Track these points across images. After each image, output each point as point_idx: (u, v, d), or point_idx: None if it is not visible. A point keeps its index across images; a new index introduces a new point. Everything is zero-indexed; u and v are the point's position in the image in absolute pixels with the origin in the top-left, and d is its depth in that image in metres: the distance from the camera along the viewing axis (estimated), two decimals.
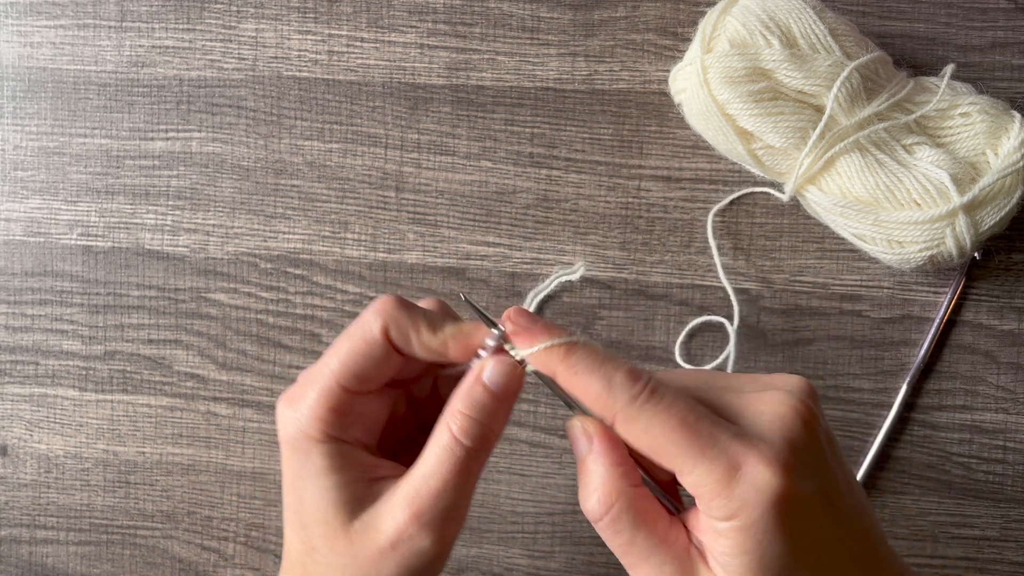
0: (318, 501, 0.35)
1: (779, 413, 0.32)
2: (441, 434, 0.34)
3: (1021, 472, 0.53)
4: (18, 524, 0.59)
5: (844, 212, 0.49)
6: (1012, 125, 0.48)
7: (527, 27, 0.55)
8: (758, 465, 0.31)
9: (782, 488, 0.30)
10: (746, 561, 0.31)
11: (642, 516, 0.33)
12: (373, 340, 0.35)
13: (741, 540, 0.31)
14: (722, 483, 0.31)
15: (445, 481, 0.34)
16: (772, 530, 0.30)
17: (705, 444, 0.31)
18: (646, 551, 0.33)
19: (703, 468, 0.31)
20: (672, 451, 0.31)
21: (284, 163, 0.56)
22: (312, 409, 0.35)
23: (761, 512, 0.30)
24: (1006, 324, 0.53)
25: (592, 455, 0.33)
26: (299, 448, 0.35)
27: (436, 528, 0.34)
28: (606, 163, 0.55)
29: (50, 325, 0.58)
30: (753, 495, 0.30)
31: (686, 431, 0.31)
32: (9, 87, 0.58)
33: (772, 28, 0.48)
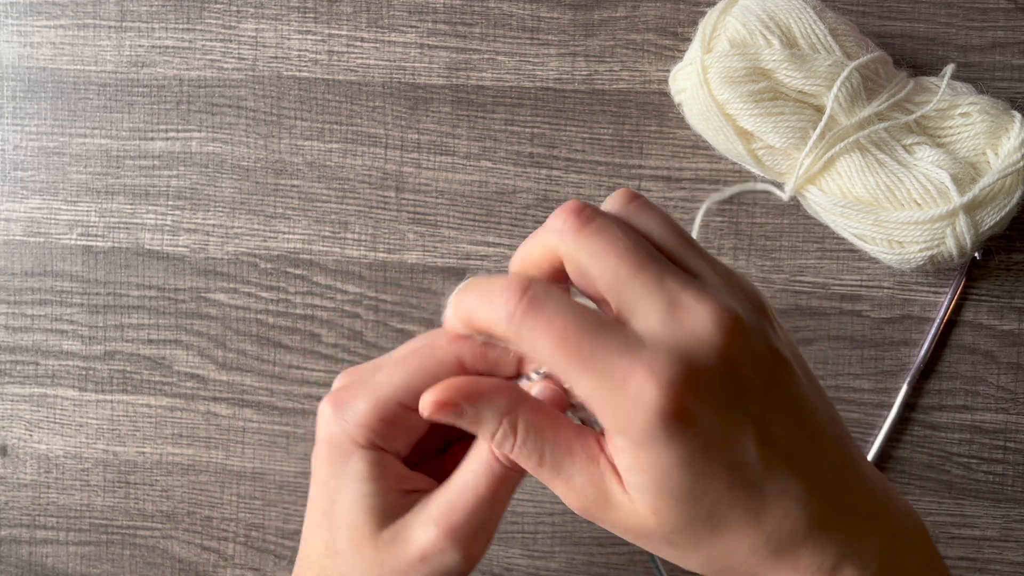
0: (351, 505, 0.34)
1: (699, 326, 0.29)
2: (480, 451, 0.34)
3: (1021, 472, 0.53)
4: (18, 524, 0.59)
5: (844, 212, 0.49)
6: (1012, 125, 0.48)
7: (527, 27, 0.55)
8: (646, 381, 0.28)
9: (671, 406, 0.28)
10: (644, 478, 0.29)
11: (544, 429, 0.31)
12: (444, 363, 0.34)
13: (634, 456, 0.29)
14: (605, 396, 0.29)
15: (481, 498, 0.33)
16: (664, 449, 0.28)
17: (587, 358, 0.29)
18: (556, 466, 0.31)
19: (586, 383, 0.29)
20: (557, 367, 0.30)
21: (284, 163, 0.56)
22: (363, 416, 0.34)
23: (647, 430, 0.28)
24: (1006, 324, 0.53)
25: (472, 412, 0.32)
26: (341, 450, 0.34)
27: (467, 544, 0.34)
28: (606, 163, 0.55)
29: (50, 325, 0.58)
30: (638, 411, 0.28)
31: (566, 346, 0.29)
32: (9, 87, 0.58)
33: (772, 28, 0.48)
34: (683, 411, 0.28)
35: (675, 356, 0.29)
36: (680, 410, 0.28)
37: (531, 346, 0.30)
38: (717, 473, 0.29)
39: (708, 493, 0.29)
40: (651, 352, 0.29)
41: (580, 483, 0.31)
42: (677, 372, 0.28)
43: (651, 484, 0.29)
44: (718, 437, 0.29)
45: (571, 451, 0.31)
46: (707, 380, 0.29)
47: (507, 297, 0.30)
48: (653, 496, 0.30)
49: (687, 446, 0.29)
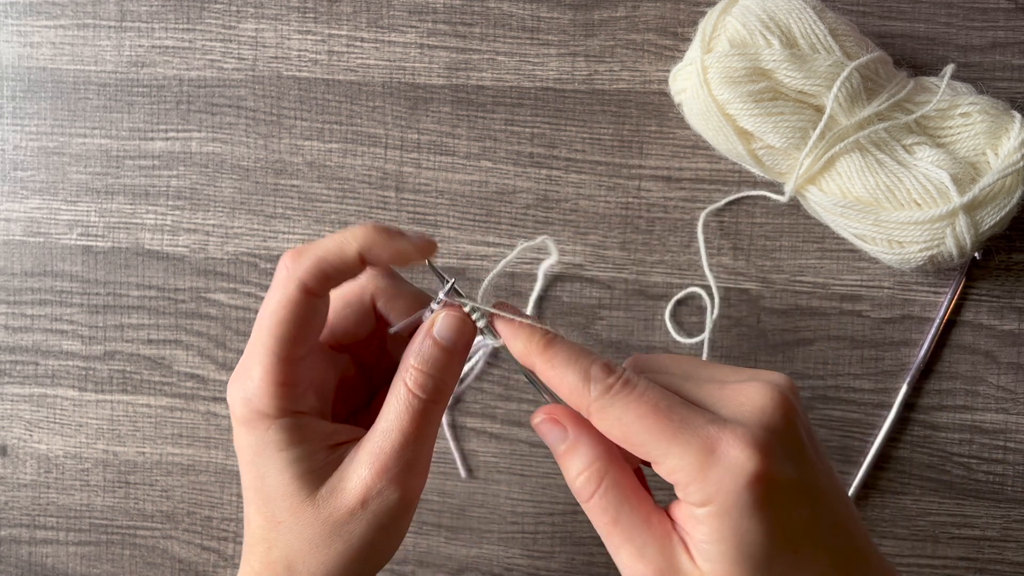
0: (280, 476, 0.35)
1: (759, 403, 0.32)
2: (397, 389, 0.35)
3: (1021, 472, 0.53)
4: (18, 524, 0.59)
5: (844, 212, 0.49)
6: (1012, 125, 0.48)
7: (527, 27, 0.55)
8: (733, 447, 0.30)
9: (757, 470, 0.30)
10: (724, 548, 0.31)
11: (628, 494, 0.33)
12: (291, 300, 0.34)
13: (718, 525, 0.31)
14: (696, 467, 0.31)
15: (406, 434, 0.34)
16: (749, 515, 0.30)
17: (678, 428, 0.31)
18: (629, 530, 0.33)
19: (676, 452, 0.31)
20: (645, 438, 0.31)
21: (284, 163, 0.56)
22: (260, 387, 0.35)
23: (736, 495, 0.30)
24: (1006, 324, 0.53)
25: (571, 440, 0.34)
26: (255, 426, 0.35)
27: (402, 481, 0.35)
28: (606, 163, 0.55)
29: (50, 325, 0.58)
30: (728, 478, 0.30)
31: (658, 416, 0.31)
32: (9, 87, 0.58)
33: (772, 28, 0.48)
34: (771, 476, 0.30)
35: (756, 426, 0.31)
36: (768, 475, 0.30)
37: (620, 416, 0.32)
38: (790, 538, 0.31)
39: (779, 558, 0.31)
40: (734, 424, 0.31)
41: (651, 553, 0.32)
42: (763, 439, 0.31)
43: (730, 552, 0.31)
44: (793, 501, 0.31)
45: (648, 522, 0.33)
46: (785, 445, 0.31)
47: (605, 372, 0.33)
48: (731, 565, 0.31)
49: (771, 512, 0.31)
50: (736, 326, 0.54)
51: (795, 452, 0.32)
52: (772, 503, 0.30)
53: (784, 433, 0.32)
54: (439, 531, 0.56)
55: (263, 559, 0.36)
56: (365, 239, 0.34)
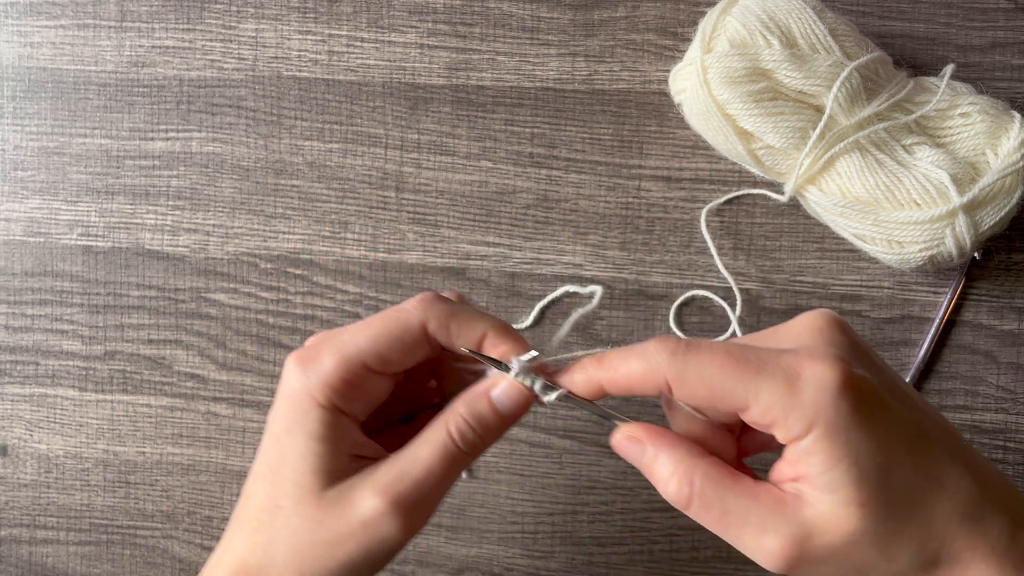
0: (300, 462, 0.35)
1: (815, 326, 0.33)
2: (437, 430, 0.35)
3: (1021, 472, 0.53)
4: (18, 524, 0.59)
5: (844, 212, 0.49)
6: (1012, 125, 0.48)
7: (527, 27, 0.55)
8: (813, 366, 0.30)
9: (843, 377, 0.30)
10: (842, 470, 0.30)
11: (726, 480, 0.32)
12: (410, 327, 0.35)
13: (829, 448, 0.30)
14: (789, 395, 0.30)
15: (431, 473, 0.34)
16: (853, 424, 0.30)
17: (757, 367, 0.31)
18: (742, 515, 0.32)
19: (765, 387, 0.31)
20: (731, 385, 0.31)
21: (284, 163, 0.56)
22: (326, 374, 0.35)
23: (835, 409, 0.30)
24: (1006, 324, 0.53)
25: (651, 452, 0.33)
26: (299, 406, 0.35)
27: (408, 517, 0.34)
28: (606, 163, 0.55)
29: (50, 325, 0.58)
30: (821, 394, 0.30)
31: (736, 361, 0.31)
32: (9, 87, 0.58)
33: (772, 28, 0.48)
34: (858, 381, 0.30)
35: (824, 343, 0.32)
36: (856, 380, 0.30)
37: (699, 373, 0.32)
38: (898, 440, 0.31)
39: (896, 466, 0.30)
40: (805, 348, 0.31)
41: (775, 525, 0.31)
42: (836, 352, 0.31)
43: (850, 472, 0.30)
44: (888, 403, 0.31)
45: (757, 497, 0.32)
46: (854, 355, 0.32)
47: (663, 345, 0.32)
48: (855, 486, 0.30)
49: (871, 417, 0.30)
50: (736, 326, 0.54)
51: (865, 359, 0.32)
52: (869, 408, 0.30)
53: (849, 344, 0.32)
54: (439, 531, 0.56)
55: (248, 537, 0.36)
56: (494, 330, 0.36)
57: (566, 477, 0.55)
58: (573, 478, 0.55)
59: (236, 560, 0.36)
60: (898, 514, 0.31)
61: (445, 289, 0.38)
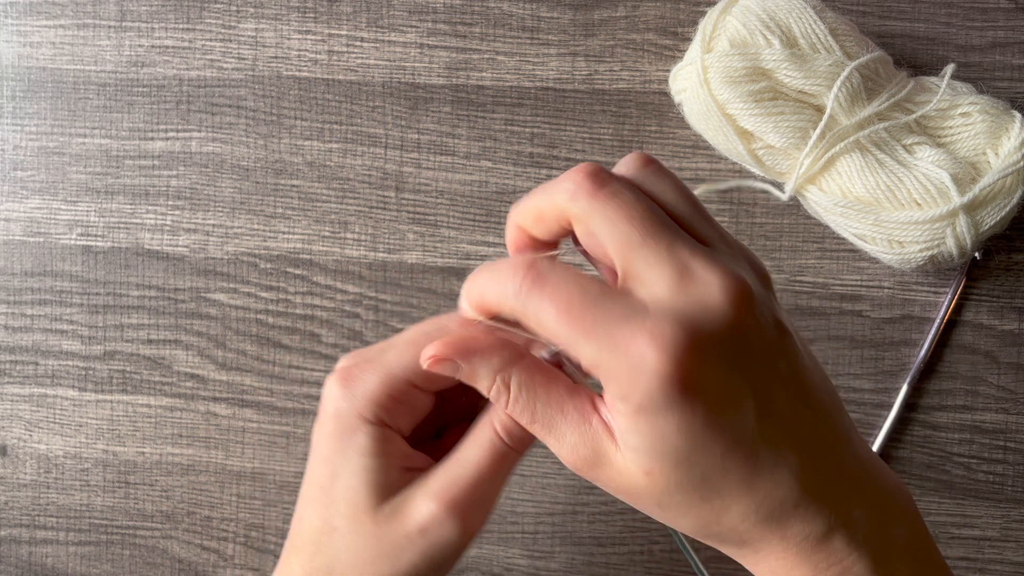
0: (353, 480, 0.35)
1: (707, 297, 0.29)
2: (484, 429, 0.35)
3: (1021, 472, 0.53)
4: (18, 524, 0.59)
5: (844, 212, 0.49)
6: (1012, 125, 0.48)
7: (527, 27, 0.55)
8: (647, 347, 0.28)
9: (672, 372, 0.28)
10: (641, 440, 0.29)
11: (538, 388, 0.32)
12: None
13: (633, 419, 0.29)
14: (608, 364, 0.29)
15: (482, 472, 0.34)
16: (663, 414, 0.29)
17: (590, 325, 0.29)
18: (547, 423, 0.32)
19: (590, 350, 0.29)
20: (561, 337, 0.30)
21: (284, 163, 0.56)
22: (372, 391, 0.35)
23: (649, 395, 0.28)
24: (1006, 324, 0.53)
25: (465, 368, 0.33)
26: (347, 425, 0.35)
27: (466, 518, 0.34)
28: (606, 163, 0.55)
29: (50, 325, 0.58)
30: (639, 378, 0.28)
31: (571, 315, 0.30)
32: (9, 87, 0.58)
33: (772, 28, 0.48)
34: (686, 379, 0.28)
35: (680, 323, 0.29)
36: (683, 378, 0.28)
37: (537, 318, 0.31)
38: (714, 441, 0.29)
39: (703, 460, 0.30)
40: (655, 319, 0.29)
41: (572, 441, 0.31)
42: (681, 340, 0.28)
43: (647, 447, 0.30)
44: (718, 405, 0.29)
45: (562, 410, 0.32)
46: (712, 348, 0.29)
47: (514, 273, 0.31)
48: (648, 458, 0.30)
49: (687, 414, 0.29)
50: None
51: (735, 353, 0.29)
52: (689, 406, 0.29)
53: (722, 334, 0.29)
54: None
55: (306, 563, 0.36)
56: None
57: (566, 477, 0.55)
58: (573, 478, 0.55)
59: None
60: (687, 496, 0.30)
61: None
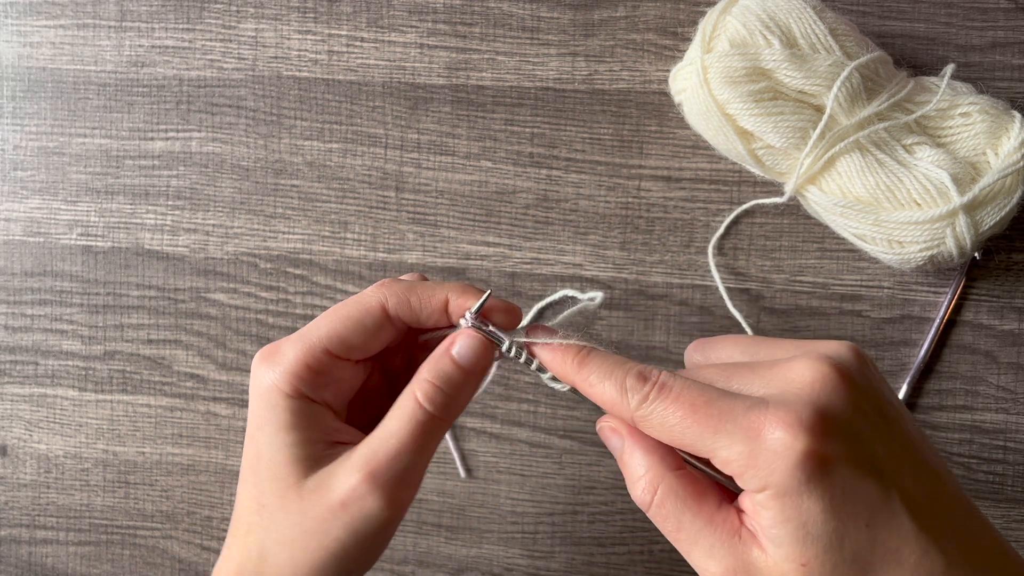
0: (275, 455, 0.35)
1: (807, 378, 0.31)
2: (405, 400, 0.35)
3: (1021, 472, 0.53)
4: (18, 524, 0.59)
5: (844, 212, 0.49)
6: (1012, 125, 0.48)
7: (527, 27, 0.55)
8: (777, 429, 0.30)
9: (805, 448, 0.30)
10: (789, 530, 0.30)
11: (687, 498, 0.33)
12: (369, 309, 0.35)
13: (779, 508, 0.30)
14: (745, 455, 0.30)
15: (404, 444, 0.34)
16: (806, 492, 0.30)
17: (719, 421, 0.31)
18: (694, 534, 0.32)
19: (723, 444, 0.31)
20: (691, 438, 0.31)
21: (284, 163, 0.56)
22: (289, 364, 0.35)
23: (789, 476, 0.30)
24: (1006, 324, 0.53)
25: (627, 449, 0.34)
26: (267, 400, 0.35)
27: (389, 491, 0.34)
28: (606, 163, 0.55)
29: (50, 325, 0.58)
30: (777, 461, 0.30)
31: (697, 415, 0.31)
32: (9, 87, 0.58)
33: (772, 28, 0.48)
34: (820, 453, 0.30)
35: (801, 404, 0.31)
36: (817, 452, 0.30)
37: (662, 422, 0.32)
38: (857, 513, 0.30)
39: (850, 535, 0.30)
40: (775, 406, 0.31)
41: (721, 554, 0.32)
42: (808, 417, 0.30)
43: (797, 533, 0.30)
44: (853, 476, 0.30)
45: (712, 522, 0.32)
46: (835, 420, 0.31)
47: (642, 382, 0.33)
48: (800, 547, 0.30)
49: (828, 488, 0.30)
50: (736, 326, 0.54)
51: (851, 424, 0.31)
52: (829, 479, 0.30)
53: (834, 408, 0.31)
54: (439, 531, 0.56)
55: (241, 543, 0.36)
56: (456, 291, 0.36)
57: (566, 477, 0.55)
58: (573, 478, 0.55)
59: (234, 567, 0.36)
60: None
61: (405, 274, 0.39)
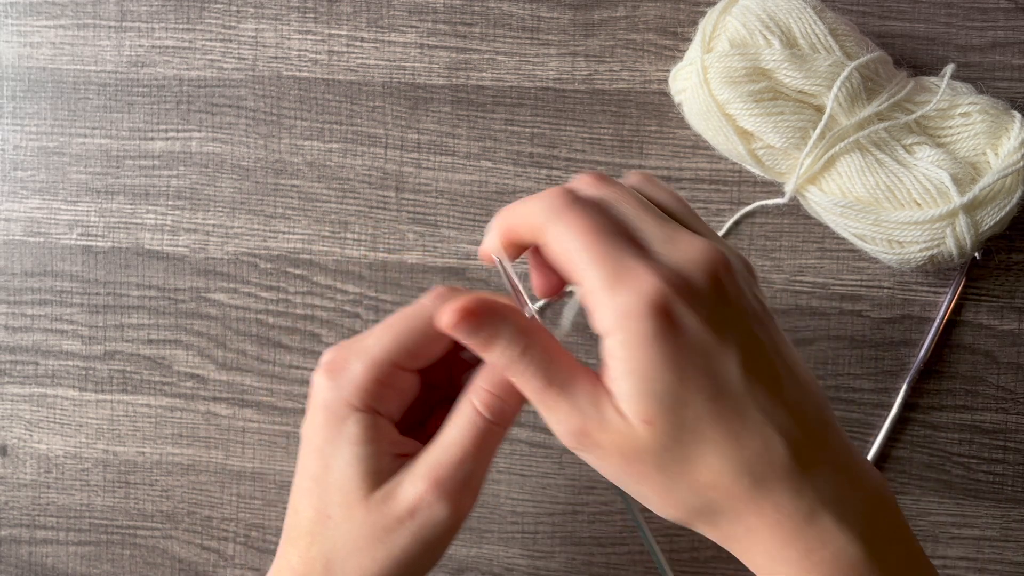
0: (345, 469, 0.35)
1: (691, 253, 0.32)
2: (464, 408, 0.36)
3: (1021, 472, 0.53)
4: (18, 524, 0.59)
5: (844, 212, 0.49)
6: (1012, 125, 0.48)
7: (527, 27, 0.55)
8: (642, 276, 0.30)
9: (661, 300, 0.30)
10: (635, 382, 0.30)
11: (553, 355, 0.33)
12: (430, 319, 0.36)
13: (627, 355, 0.30)
14: (607, 290, 0.31)
15: (466, 451, 0.35)
16: (654, 345, 0.30)
17: (604, 252, 0.31)
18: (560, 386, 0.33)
19: (593, 274, 0.31)
20: (575, 257, 0.32)
21: (284, 163, 0.56)
22: (358, 378, 0.36)
23: (640, 322, 0.30)
24: (1006, 324, 0.53)
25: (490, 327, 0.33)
26: (336, 414, 0.36)
27: (454, 498, 0.35)
28: (606, 163, 0.55)
29: (50, 325, 0.58)
30: (632, 302, 0.30)
31: (589, 239, 0.31)
32: (9, 87, 0.58)
33: (772, 28, 0.48)
34: (673, 312, 0.30)
35: (675, 268, 0.31)
36: (671, 310, 0.30)
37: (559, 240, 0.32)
38: (701, 380, 0.31)
39: (692, 401, 0.30)
40: (656, 262, 0.31)
41: (583, 403, 0.32)
42: (674, 279, 0.31)
43: (640, 386, 0.30)
44: (703, 346, 0.31)
45: (574, 375, 0.33)
46: (698, 294, 0.31)
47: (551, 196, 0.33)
48: (644, 402, 0.31)
49: (673, 345, 0.30)
50: None
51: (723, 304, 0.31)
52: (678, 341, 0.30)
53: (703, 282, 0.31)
54: None
55: (303, 554, 0.36)
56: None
57: (566, 477, 0.55)
58: (573, 478, 0.55)
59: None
60: (685, 448, 0.31)
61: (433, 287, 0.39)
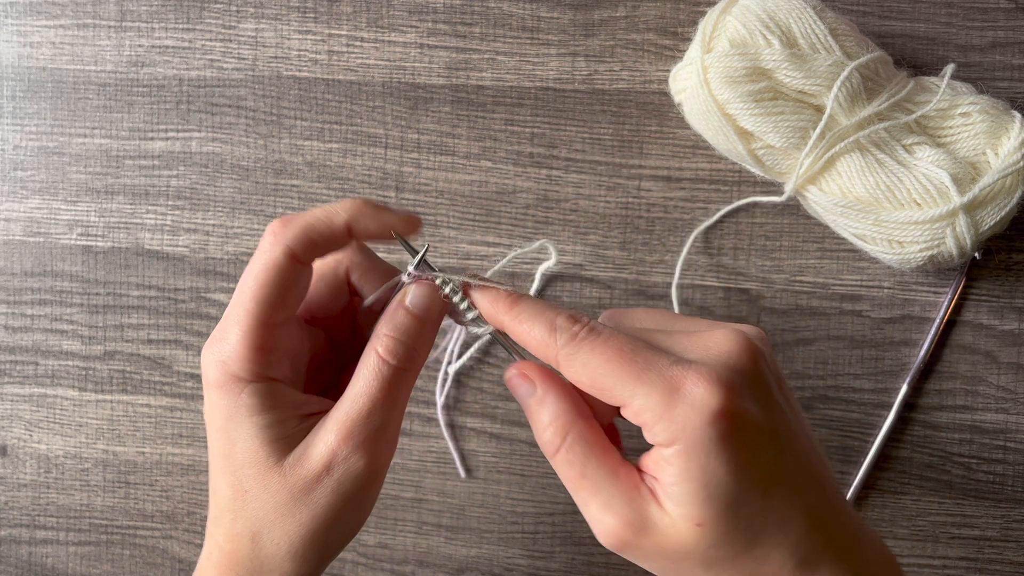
0: (250, 441, 0.35)
1: (725, 347, 0.32)
2: (368, 357, 0.35)
3: (1021, 472, 0.53)
4: (18, 524, 0.59)
5: (844, 212, 0.49)
6: (1012, 125, 0.48)
7: (527, 27, 0.55)
8: (697, 385, 0.31)
9: (721, 406, 0.30)
10: (691, 488, 0.31)
11: (595, 447, 0.33)
12: (276, 264, 0.35)
13: (685, 464, 0.30)
14: (661, 405, 0.31)
15: (374, 400, 0.35)
16: (715, 452, 0.30)
17: (642, 370, 0.31)
18: (596, 483, 0.33)
19: (641, 392, 0.31)
20: (611, 381, 0.32)
21: (284, 163, 0.56)
22: (236, 350, 0.35)
23: (701, 432, 0.30)
24: (1006, 324, 0.53)
25: (539, 395, 0.34)
26: (228, 390, 0.35)
27: (368, 448, 0.35)
28: (606, 163, 0.55)
29: (50, 325, 0.58)
30: (692, 414, 0.30)
31: (622, 359, 0.32)
32: (9, 87, 0.58)
33: (772, 28, 0.48)
34: (735, 413, 0.30)
35: (720, 366, 0.31)
36: (732, 412, 0.30)
37: (587, 362, 0.32)
38: (756, 475, 0.31)
39: (747, 500, 0.31)
40: (699, 364, 0.31)
41: (618, 505, 0.32)
42: (727, 378, 0.31)
43: (699, 492, 0.31)
44: (758, 440, 0.31)
45: (615, 474, 0.33)
46: (749, 386, 0.31)
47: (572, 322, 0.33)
48: (699, 506, 0.31)
49: (736, 451, 0.30)
50: None
51: (761, 394, 0.32)
52: (738, 441, 0.30)
53: (749, 374, 0.32)
54: (439, 531, 0.56)
55: (228, 531, 0.36)
56: (354, 210, 0.35)
57: None
58: None
59: (225, 557, 0.36)
60: (735, 544, 0.31)
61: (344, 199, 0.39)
